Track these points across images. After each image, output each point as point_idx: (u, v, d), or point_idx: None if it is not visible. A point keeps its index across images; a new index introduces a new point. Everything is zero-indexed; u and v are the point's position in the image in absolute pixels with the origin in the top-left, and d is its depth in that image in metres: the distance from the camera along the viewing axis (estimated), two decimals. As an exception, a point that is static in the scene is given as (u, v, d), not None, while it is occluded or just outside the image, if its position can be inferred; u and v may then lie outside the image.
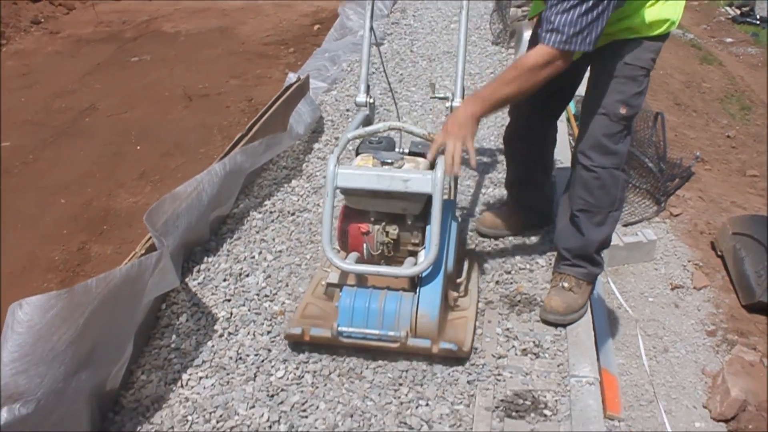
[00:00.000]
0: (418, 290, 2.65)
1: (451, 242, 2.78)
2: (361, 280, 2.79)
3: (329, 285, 2.83)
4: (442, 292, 2.65)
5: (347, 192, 2.73)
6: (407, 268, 2.64)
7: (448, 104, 2.93)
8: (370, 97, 3.05)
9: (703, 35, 9.18)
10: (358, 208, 2.78)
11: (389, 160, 2.71)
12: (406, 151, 2.90)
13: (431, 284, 2.65)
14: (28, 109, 5.29)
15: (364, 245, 2.78)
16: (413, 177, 2.58)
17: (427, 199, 2.65)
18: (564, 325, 2.92)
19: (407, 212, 2.73)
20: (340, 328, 2.59)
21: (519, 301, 3.05)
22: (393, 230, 2.76)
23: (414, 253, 2.79)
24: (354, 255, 2.76)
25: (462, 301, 2.93)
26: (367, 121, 3.02)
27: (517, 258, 3.32)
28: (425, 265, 2.58)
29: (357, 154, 2.88)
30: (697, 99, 7.59)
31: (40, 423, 1.99)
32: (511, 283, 3.17)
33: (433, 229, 2.57)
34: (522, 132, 3.28)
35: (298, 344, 2.74)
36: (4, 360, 1.89)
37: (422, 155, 2.80)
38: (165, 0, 8.36)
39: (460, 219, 2.91)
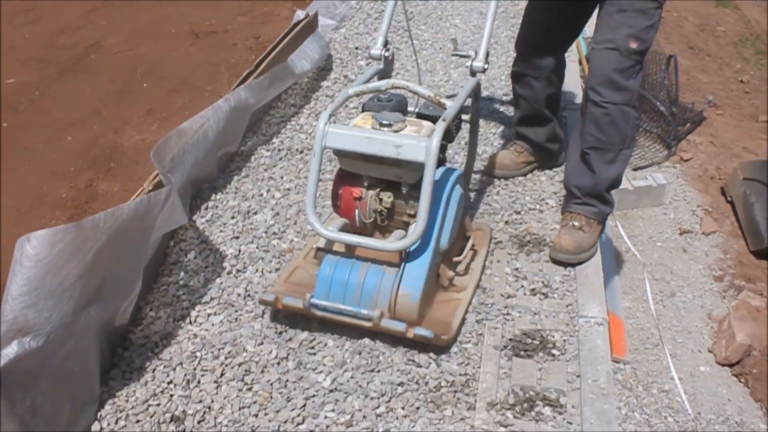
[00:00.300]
0: (402, 266, 2.47)
1: (449, 216, 2.57)
2: (349, 250, 2.58)
3: (318, 249, 2.63)
4: (428, 271, 2.46)
5: (337, 153, 2.56)
6: (392, 242, 2.46)
7: (468, 63, 2.71)
8: (388, 51, 2.83)
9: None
10: (351, 171, 2.59)
11: (387, 122, 2.46)
12: (417, 111, 2.74)
13: (417, 261, 2.46)
14: (32, 45, 5.21)
15: (357, 211, 2.61)
16: (406, 143, 2.36)
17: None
18: (573, 265, 2.90)
19: (402, 180, 2.52)
20: (313, 300, 2.45)
21: (528, 242, 3.04)
22: (387, 198, 2.56)
23: (409, 225, 2.57)
24: (341, 222, 2.64)
25: (460, 280, 2.74)
26: (382, 76, 2.81)
27: (527, 198, 3.30)
28: (410, 239, 2.38)
29: (362, 111, 2.69)
30: (711, 42, 7.46)
31: (50, 357, 1.99)
32: (521, 223, 3.16)
33: (422, 202, 2.34)
34: (529, 66, 3.23)
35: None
36: (12, 294, 1.88)
37: (431, 118, 2.62)
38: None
39: (461, 190, 2.70)
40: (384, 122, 2.46)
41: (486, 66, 2.71)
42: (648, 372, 3.71)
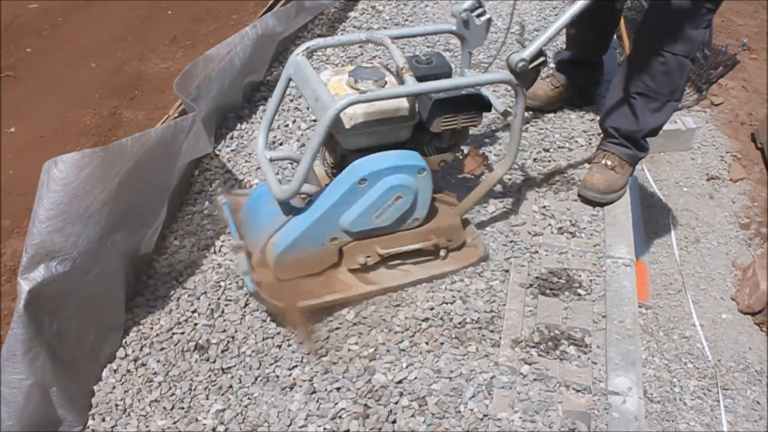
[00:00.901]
0: (289, 217, 2.30)
1: (365, 199, 2.24)
2: None
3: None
4: (303, 234, 2.24)
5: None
6: (279, 187, 2.23)
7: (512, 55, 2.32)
8: (475, 13, 2.53)
9: None
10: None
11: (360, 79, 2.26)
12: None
13: (300, 218, 2.27)
14: (55, -31, 5.15)
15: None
16: (323, 96, 2.12)
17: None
18: (602, 204, 2.86)
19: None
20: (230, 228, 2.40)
21: (557, 180, 2.99)
22: (332, 150, 2.43)
23: None
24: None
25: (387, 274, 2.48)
26: (463, 42, 2.65)
27: (556, 136, 3.24)
28: (289, 189, 2.18)
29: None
30: (748, -17, 7.26)
31: (76, 282, 1.99)
32: (549, 161, 3.10)
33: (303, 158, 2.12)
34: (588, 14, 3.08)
35: None
36: (39, 218, 1.87)
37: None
38: None
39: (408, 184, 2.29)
40: (357, 80, 2.27)
41: (525, 64, 2.28)
42: (669, 317, 3.69)
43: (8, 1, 4.68)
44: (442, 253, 2.49)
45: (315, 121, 2.55)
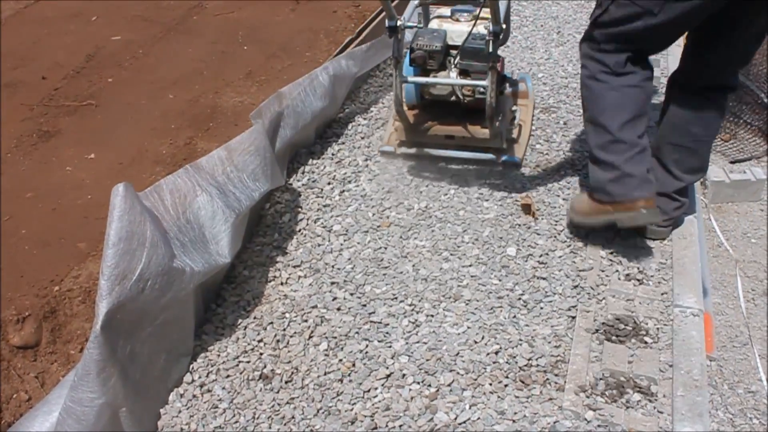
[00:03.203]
0: None
1: None
2: None
3: None
4: None
5: None
6: None
7: None
8: None
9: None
10: None
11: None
12: None
13: None
14: (138, 4, 5.33)
15: None
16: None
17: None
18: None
19: None
20: None
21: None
22: None
23: None
24: None
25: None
26: None
27: (625, 183, 3.22)
28: None
29: None
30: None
31: (150, 305, 2.06)
32: (618, 207, 3.08)
33: None
34: None
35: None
36: (112, 240, 1.94)
37: None
38: None
39: None
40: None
41: None
42: (734, 371, 3.61)
43: (94, 33, 4.88)
44: None
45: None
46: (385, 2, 2.85)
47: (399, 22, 2.91)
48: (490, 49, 2.87)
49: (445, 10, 3.16)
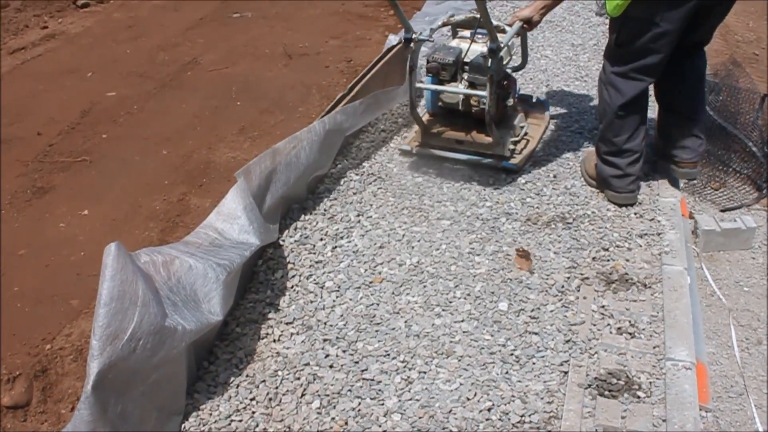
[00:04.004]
0: None
1: None
2: None
3: None
4: None
5: None
6: None
7: None
8: None
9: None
10: None
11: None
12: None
13: None
14: (133, 60, 5.41)
15: None
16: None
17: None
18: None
19: None
20: None
21: (615, 279, 2.98)
22: None
23: None
24: None
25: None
26: None
27: (615, 235, 3.25)
28: None
29: None
30: (808, 82, 7.24)
31: (142, 364, 2.06)
32: (608, 260, 3.10)
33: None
34: None
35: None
36: (104, 299, 1.95)
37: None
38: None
39: None
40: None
41: None
42: (731, 422, 3.59)
43: (90, 89, 4.93)
44: None
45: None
46: (399, 13, 3.44)
47: (413, 35, 3.44)
48: (489, 64, 3.35)
49: (467, 33, 3.69)
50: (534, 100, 4.18)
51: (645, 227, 3.31)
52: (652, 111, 3.59)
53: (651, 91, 3.48)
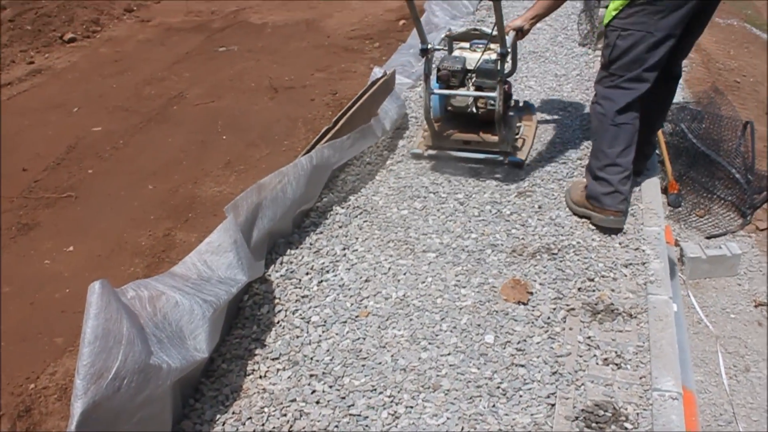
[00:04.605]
0: None
1: None
2: None
3: None
4: None
5: None
6: None
7: None
8: None
9: (799, 42, 8.89)
10: None
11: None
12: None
13: None
14: (119, 95, 5.43)
15: None
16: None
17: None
18: None
19: None
20: None
21: (601, 310, 2.99)
22: None
23: None
24: None
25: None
26: None
27: (600, 265, 3.26)
28: None
29: None
30: (789, 109, 7.34)
31: (126, 403, 2.03)
32: (594, 290, 3.11)
33: None
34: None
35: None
36: (88, 338, 1.94)
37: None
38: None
39: None
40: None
41: None
42: (721, 450, 3.59)
43: (75, 124, 4.94)
44: None
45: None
46: (419, 27, 3.73)
47: (429, 46, 3.75)
48: (498, 68, 3.69)
49: (465, 44, 4.07)
50: (522, 104, 4.58)
51: (630, 257, 3.32)
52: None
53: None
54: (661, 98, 3.61)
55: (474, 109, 3.98)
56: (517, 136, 4.20)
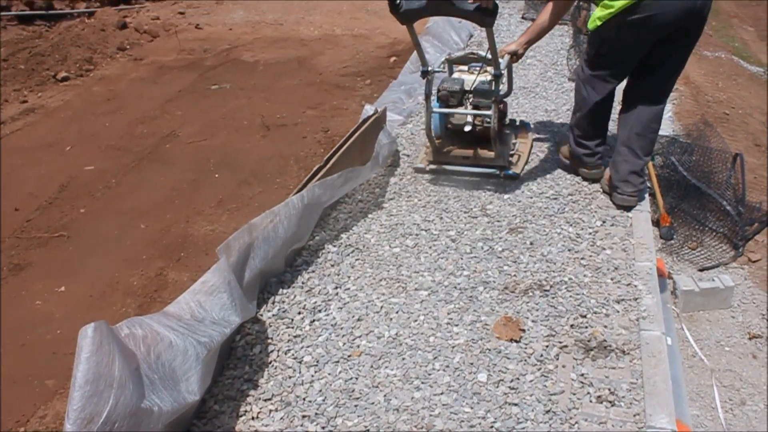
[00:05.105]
0: None
1: None
2: None
3: None
4: None
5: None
6: None
7: None
8: None
9: (786, 74, 8.99)
10: None
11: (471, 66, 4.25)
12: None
13: None
14: (112, 133, 5.45)
15: None
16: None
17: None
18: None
19: None
20: None
21: (594, 347, 2.99)
22: None
23: None
24: None
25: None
26: None
27: (593, 301, 3.26)
28: None
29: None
30: (778, 140, 7.40)
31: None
32: (586, 327, 3.11)
33: None
34: None
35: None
36: (78, 382, 1.93)
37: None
38: (245, 29, 8.57)
39: None
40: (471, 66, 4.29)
41: None
42: (717, 486, 3.57)
43: (68, 163, 4.95)
44: None
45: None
46: (420, 51, 4.02)
47: (429, 68, 4.04)
48: (493, 88, 4.01)
49: (464, 66, 4.35)
50: (518, 122, 4.91)
51: (622, 292, 3.33)
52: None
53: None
54: (645, 122, 3.95)
55: (471, 126, 4.22)
56: (512, 152, 4.52)
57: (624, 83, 4.03)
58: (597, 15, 3.72)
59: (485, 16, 3.54)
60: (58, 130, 5.59)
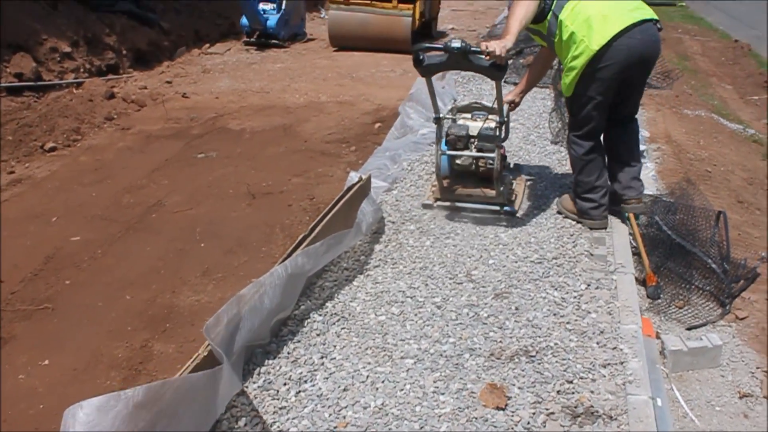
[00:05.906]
0: None
1: None
2: None
3: None
4: None
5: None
6: None
7: None
8: None
9: (764, 131, 9.13)
10: None
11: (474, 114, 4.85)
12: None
13: None
14: (98, 203, 5.47)
15: None
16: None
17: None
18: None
19: None
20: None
21: (581, 413, 2.98)
22: None
23: None
24: None
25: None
26: None
27: (579, 366, 3.27)
28: None
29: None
30: (760, 196, 7.46)
31: None
32: (573, 392, 3.11)
33: None
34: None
35: None
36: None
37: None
38: (232, 97, 8.68)
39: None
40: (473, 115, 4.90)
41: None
42: None
43: (54, 234, 4.95)
44: None
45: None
46: (434, 101, 4.58)
47: (441, 115, 4.62)
48: (497, 133, 4.55)
49: (468, 114, 4.89)
50: (512, 165, 5.55)
51: (608, 356, 3.34)
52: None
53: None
54: (626, 138, 4.68)
55: (476, 167, 4.70)
56: (511, 192, 4.98)
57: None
58: (566, 82, 4.31)
59: (497, 71, 4.07)
60: (44, 200, 5.60)
